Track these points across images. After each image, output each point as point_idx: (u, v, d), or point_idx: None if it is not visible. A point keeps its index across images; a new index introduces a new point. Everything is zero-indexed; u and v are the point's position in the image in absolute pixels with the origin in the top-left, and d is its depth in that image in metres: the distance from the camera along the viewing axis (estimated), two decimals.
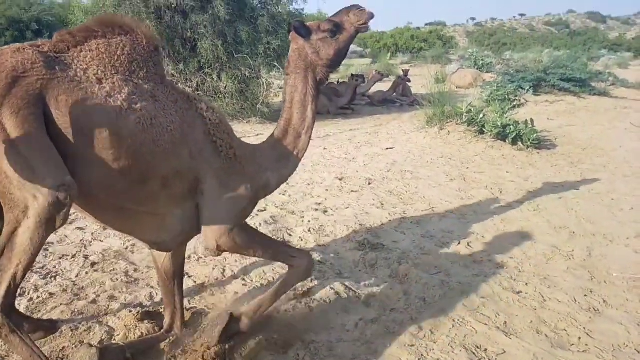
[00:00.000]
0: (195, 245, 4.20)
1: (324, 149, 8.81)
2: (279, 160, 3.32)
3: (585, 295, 3.73)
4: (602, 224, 5.22)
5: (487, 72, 21.27)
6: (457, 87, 18.61)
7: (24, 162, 2.30)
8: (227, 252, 3.03)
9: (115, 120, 2.52)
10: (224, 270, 3.88)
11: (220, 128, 3.00)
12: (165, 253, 3.16)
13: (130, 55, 2.73)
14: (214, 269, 3.90)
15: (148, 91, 2.74)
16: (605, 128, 10.70)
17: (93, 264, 3.94)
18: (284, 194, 5.94)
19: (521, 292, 3.78)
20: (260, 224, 4.87)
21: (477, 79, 19.09)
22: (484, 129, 8.90)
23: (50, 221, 2.35)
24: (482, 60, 24.29)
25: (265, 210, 5.34)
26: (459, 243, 4.71)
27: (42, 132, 2.36)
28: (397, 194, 6.17)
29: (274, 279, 3.80)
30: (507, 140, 8.60)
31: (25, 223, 2.33)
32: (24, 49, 2.48)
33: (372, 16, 3.45)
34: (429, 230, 4.99)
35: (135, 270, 3.87)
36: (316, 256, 4.21)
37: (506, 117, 8.95)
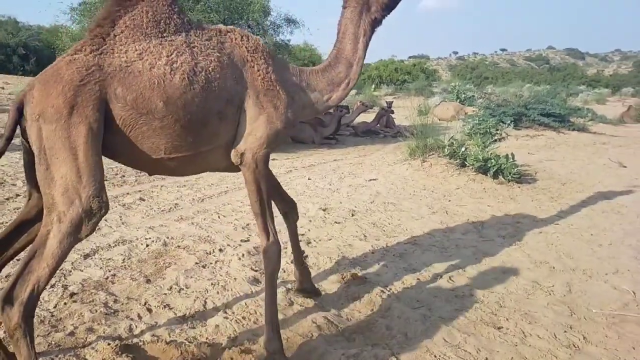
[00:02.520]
0: (177, 277, 4.17)
1: (308, 179, 8.82)
2: (329, 84, 3.60)
3: (565, 332, 3.73)
4: (581, 260, 5.25)
5: (469, 105, 21.53)
6: (439, 120, 18.81)
7: (77, 170, 2.53)
8: (242, 170, 3.20)
9: (164, 88, 2.79)
10: (205, 302, 3.83)
11: (257, 54, 3.26)
12: None
13: (154, 17, 2.93)
14: (195, 300, 3.85)
15: (182, 42, 2.97)
16: (584, 163, 10.84)
17: (72, 295, 3.86)
18: None
19: (502, 327, 3.77)
20: (243, 255, 4.83)
21: (459, 112, 19.32)
22: (465, 162, 8.97)
23: (79, 228, 2.53)
24: (464, 93, 24.61)
25: (248, 240, 5.31)
26: (441, 277, 4.70)
27: (98, 143, 2.62)
28: (380, 226, 6.17)
29: (255, 311, 3.75)
30: (488, 174, 8.67)
31: (58, 227, 2.49)
32: (73, 58, 2.69)
33: None
34: (411, 263, 4.98)
35: (115, 301, 3.80)
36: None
37: (487, 151, 9.03)
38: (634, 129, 18.64)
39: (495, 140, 11.47)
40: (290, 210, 3.99)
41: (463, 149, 9.19)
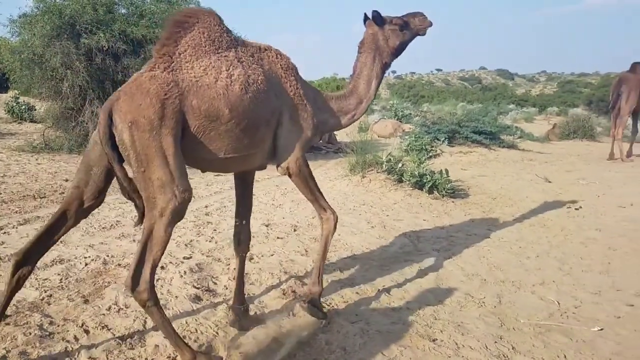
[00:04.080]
0: (116, 296, 4.02)
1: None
2: (339, 112, 4.16)
3: (496, 342, 3.80)
4: (510, 271, 5.39)
5: (406, 122, 21.89)
6: (378, 136, 19.06)
7: (169, 172, 2.91)
8: (292, 179, 3.77)
9: (228, 97, 3.18)
10: (145, 321, 3.69)
11: (289, 71, 3.71)
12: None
13: (210, 36, 3.33)
14: (134, 320, 3.71)
15: (234, 57, 3.37)
16: (513, 179, 11.18)
17: (5, 317, 3.67)
18: (210, 241, 5.81)
19: (437, 339, 3.81)
20: (185, 272, 4.71)
21: (397, 129, 19.62)
22: (402, 178, 9.12)
23: (177, 217, 2.97)
24: (402, 111, 25.00)
25: (191, 257, 5.19)
26: (379, 290, 4.73)
27: (179, 146, 2.99)
28: None
29: (196, 329, 3.67)
30: (424, 189, 8.83)
31: (161, 220, 2.90)
32: (153, 75, 3.05)
33: (431, 25, 4.32)
34: (350, 277, 4.99)
35: (51, 323, 3.61)
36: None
37: (423, 167, 9.21)
38: (559, 146, 19.41)
39: (431, 157, 11.75)
40: (245, 241, 4.05)
41: (400, 165, 9.35)
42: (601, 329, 4.06)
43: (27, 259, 3.14)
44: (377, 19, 4.18)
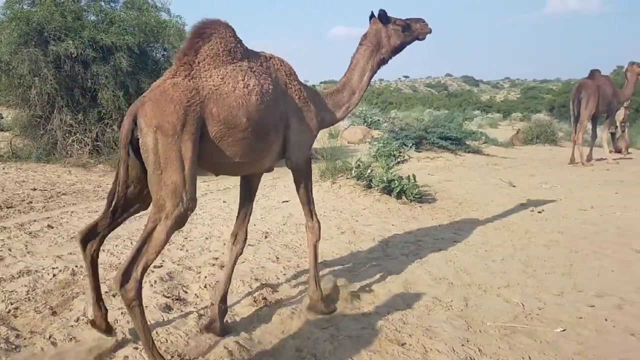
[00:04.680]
0: (84, 307, 3.94)
1: (223, 202, 8.68)
2: (334, 107, 4.35)
3: (463, 345, 3.84)
4: (476, 275, 5.45)
5: (375, 129, 22.02)
6: (348, 142, 19.15)
7: (183, 177, 3.01)
8: (296, 173, 4.07)
9: (246, 106, 3.35)
10: (115, 333, 3.62)
11: (292, 77, 3.92)
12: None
13: (226, 47, 3.47)
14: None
15: (247, 67, 3.53)
16: (478, 183, 11.32)
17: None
18: (181, 249, 5.75)
19: (405, 343, 3.82)
20: (155, 281, 4.64)
21: (366, 135, 19.73)
22: (371, 184, 9.15)
23: (180, 223, 3.06)
24: (371, 117, 25.13)
25: (161, 266, 5.12)
26: (349, 295, 4.73)
27: (196, 153, 3.10)
28: (292, 247, 6.15)
29: (166, 339, 3.61)
30: (392, 195, 8.87)
31: (165, 222, 2.98)
32: (175, 82, 3.19)
33: (430, 31, 4.61)
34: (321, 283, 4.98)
35: (17, 336, 3.50)
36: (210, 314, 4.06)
37: (391, 173, 9.25)
38: (522, 151, 19.75)
39: (399, 162, 11.81)
40: (241, 241, 4.30)
41: (369, 170, 9.38)
42: (564, 330, 4.13)
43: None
44: (383, 17, 4.43)
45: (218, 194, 9.55)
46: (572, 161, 14.93)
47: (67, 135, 11.59)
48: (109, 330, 3.48)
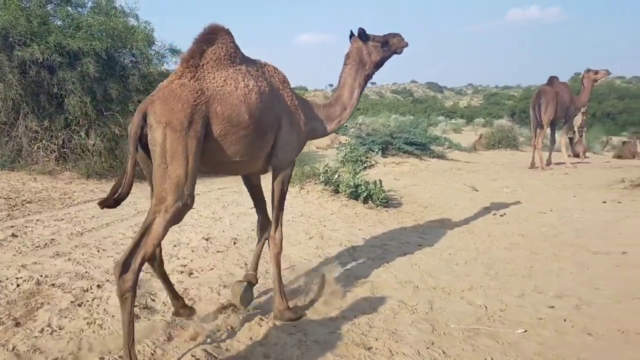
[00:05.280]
0: (49, 317, 3.83)
1: (192, 208, 8.55)
2: (326, 119, 4.60)
3: (428, 348, 3.87)
4: (441, 278, 5.50)
5: (342, 134, 22.09)
6: (316, 148, 19.16)
7: (186, 172, 3.16)
8: (276, 172, 4.15)
9: (248, 104, 3.57)
10: (80, 343, 3.53)
11: (285, 84, 4.16)
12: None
13: (227, 52, 3.69)
14: (69, 342, 3.53)
15: (245, 70, 3.75)
16: (443, 188, 11.45)
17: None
18: None
19: (372, 347, 3.83)
20: None
21: (333, 140, 19.77)
22: (339, 189, 9.17)
23: (178, 217, 3.22)
24: None
25: None
26: (317, 300, 4.73)
27: (200, 150, 3.27)
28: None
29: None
30: (359, 199, 8.91)
31: (164, 216, 3.12)
32: (182, 83, 3.38)
33: (407, 45, 4.86)
34: (289, 289, 4.96)
35: None
36: (179, 322, 4.01)
37: (358, 178, 9.29)
38: (485, 155, 20.06)
39: (365, 168, 11.89)
40: (266, 226, 4.52)
41: (337, 176, 9.40)
42: (525, 331, 4.20)
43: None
44: (362, 36, 4.68)
45: None
46: (532, 165, 15.21)
47: (32, 141, 11.28)
48: (192, 311, 3.99)
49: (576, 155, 19.04)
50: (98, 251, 5.67)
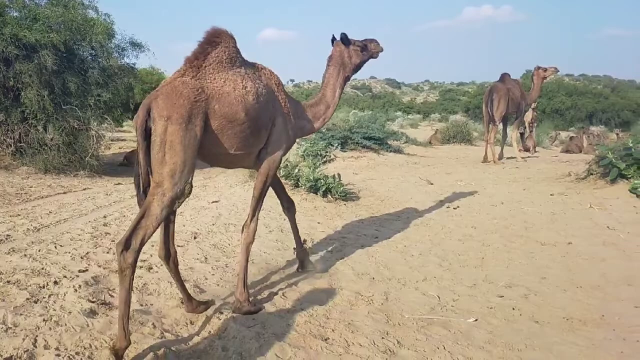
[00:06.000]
0: (4, 314, 3.71)
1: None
2: (313, 118, 4.96)
3: (383, 338, 3.91)
4: (396, 269, 5.57)
5: None
6: None
7: (183, 161, 3.40)
8: (264, 164, 4.33)
9: (244, 103, 3.83)
10: (36, 340, 3.41)
11: (280, 87, 4.44)
12: None
13: (228, 55, 3.94)
14: (24, 339, 3.40)
15: (244, 73, 4.01)
16: (399, 181, 11.58)
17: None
18: (108, 252, 5.52)
19: (328, 338, 3.86)
20: (80, 286, 4.40)
21: None
22: (299, 183, 9.18)
23: (174, 202, 3.41)
24: None
25: (87, 270, 4.88)
26: (276, 293, 4.74)
27: (197, 143, 3.52)
28: (220, 247, 6.06)
29: (90, 344, 3.46)
30: (318, 193, 8.94)
31: (161, 199, 3.34)
32: (184, 81, 3.63)
33: (382, 50, 5.23)
34: (248, 282, 4.93)
35: None
36: (138, 317, 3.94)
37: (318, 172, 9.32)
38: (440, 150, 20.38)
39: (325, 162, 11.91)
40: (290, 206, 5.30)
41: (297, 170, 9.40)
42: (476, 320, 4.29)
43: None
44: (345, 40, 5.03)
45: None
46: (485, 160, 15.51)
47: None
48: (202, 304, 4.18)
49: (526, 150, 19.53)
50: (55, 247, 5.50)
